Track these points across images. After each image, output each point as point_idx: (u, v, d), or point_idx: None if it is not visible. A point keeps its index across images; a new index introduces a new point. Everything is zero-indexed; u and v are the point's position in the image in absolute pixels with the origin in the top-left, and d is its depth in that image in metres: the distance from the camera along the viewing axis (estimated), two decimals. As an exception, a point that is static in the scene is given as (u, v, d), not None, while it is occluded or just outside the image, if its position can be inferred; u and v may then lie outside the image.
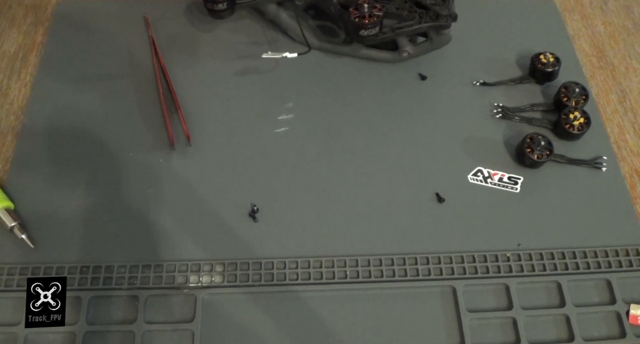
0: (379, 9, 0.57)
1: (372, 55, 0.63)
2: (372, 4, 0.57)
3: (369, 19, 0.56)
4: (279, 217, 0.53)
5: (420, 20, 0.58)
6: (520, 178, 0.57)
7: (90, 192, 0.54)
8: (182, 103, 0.60)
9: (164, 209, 0.53)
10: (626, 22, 0.71)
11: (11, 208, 0.52)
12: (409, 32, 0.59)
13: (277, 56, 0.59)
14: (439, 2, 0.58)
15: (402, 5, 0.59)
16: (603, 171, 0.57)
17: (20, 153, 0.57)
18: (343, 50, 0.64)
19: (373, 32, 0.57)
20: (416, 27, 0.58)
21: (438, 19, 0.57)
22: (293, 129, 0.59)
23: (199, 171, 0.56)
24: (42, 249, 0.51)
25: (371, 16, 0.57)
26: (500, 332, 0.49)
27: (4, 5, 0.69)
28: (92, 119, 0.59)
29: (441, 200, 0.55)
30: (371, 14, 0.57)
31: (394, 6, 0.59)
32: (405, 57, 0.62)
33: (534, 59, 0.62)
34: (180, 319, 0.48)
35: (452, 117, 0.61)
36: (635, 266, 0.52)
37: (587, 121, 0.58)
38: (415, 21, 0.58)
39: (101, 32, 0.66)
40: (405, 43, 0.61)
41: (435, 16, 0.58)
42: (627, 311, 0.49)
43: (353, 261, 0.51)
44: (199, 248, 0.52)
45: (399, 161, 0.57)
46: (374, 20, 0.56)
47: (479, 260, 0.52)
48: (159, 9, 0.68)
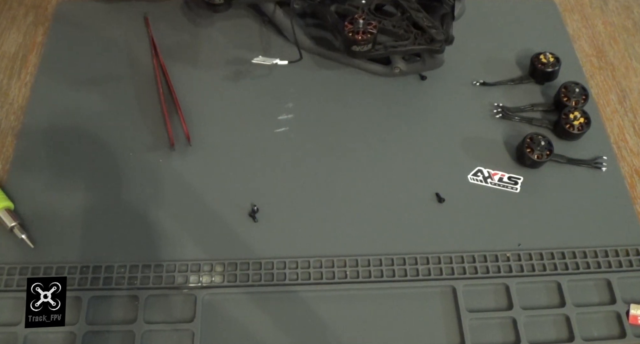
0: (373, 26, 0.56)
1: (364, 67, 0.63)
2: (367, 21, 0.56)
3: (362, 36, 0.56)
4: (279, 217, 0.53)
5: (414, 41, 0.57)
6: (520, 178, 0.57)
7: (90, 192, 0.54)
8: (182, 103, 0.60)
9: (164, 209, 0.53)
10: (626, 22, 0.71)
11: (11, 208, 0.52)
12: (401, 52, 0.59)
13: (268, 63, 0.59)
14: (437, 26, 0.57)
15: (399, 23, 0.58)
16: (603, 171, 0.57)
17: (20, 153, 0.57)
18: (337, 57, 0.64)
19: (365, 48, 0.57)
20: (409, 48, 0.58)
21: (432, 42, 0.57)
22: (293, 129, 0.59)
23: (199, 171, 0.56)
24: (42, 249, 0.51)
25: (365, 33, 0.56)
26: (500, 332, 0.49)
27: (4, 5, 0.69)
28: (92, 119, 0.59)
29: (441, 200, 0.55)
30: (365, 31, 0.56)
31: (390, 23, 0.58)
32: (397, 73, 0.61)
33: (534, 59, 0.62)
34: (180, 319, 0.48)
35: (452, 117, 0.61)
36: (635, 266, 0.52)
37: (587, 121, 0.58)
38: (410, 42, 0.57)
39: (101, 32, 0.66)
40: (398, 59, 0.61)
41: (429, 39, 0.57)
42: (627, 311, 0.49)
43: (353, 261, 0.51)
44: (199, 248, 0.52)
45: (399, 161, 0.57)
46: (367, 37, 0.56)
47: (479, 260, 0.52)
48: (159, 9, 0.68)
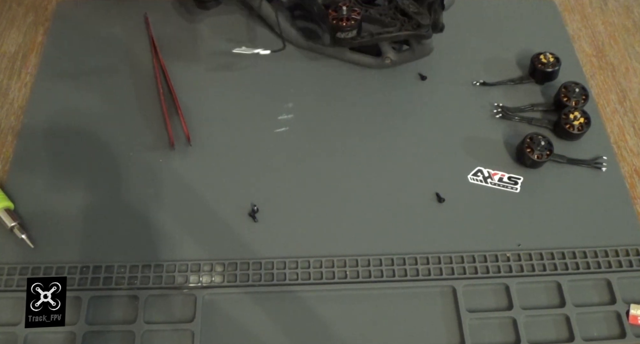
0: (357, 13, 0.57)
1: (355, 59, 0.63)
2: (351, 8, 0.57)
3: (346, 22, 0.57)
4: (279, 217, 0.53)
5: (400, 28, 0.57)
6: (520, 178, 0.57)
7: (90, 192, 0.54)
8: (182, 103, 0.60)
9: (164, 209, 0.53)
10: (626, 22, 0.71)
11: (11, 208, 0.52)
12: (387, 38, 0.59)
13: (249, 52, 0.60)
14: (423, 12, 0.57)
15: (385, 11, 0.59)
16: (603, 171, 0.57)
17: (20, 153, 0.57)
18: (328, 51, 0.64)
19: (350, 35, 0.58)
20: (395, 34, 0.58)
21: (419, 28, 0.57)
22: (293, 129, 0.59)
23: (199, 171, 0.56)
24: (42, 249, 0.51)
25: (349, 19, 0.57)
26: (500, 332, 0.49)
27: (4, 5, 0.69)
28: (92, 119, 0.59)
29: (441, 200, 0.55)
30: (349, 17, 0.57)
31: (377, 11, 0.59)
32: (388, 63, 0.61)
33: (534, 59, 0.62)
34: (180, 319, 0.48)
35: (452, 117, 0.61)
36: (635, 266, 0.52)
37: (587, 121, 0.58)
38: (396, 28, 0.58)
39: (101, 32, 0.66)
40: (388, 49, 0.61)
41: (416, 25, 0.57)
42: (627, 311, 0.49)
43: (353, 261, 0.51)
44: (199, 248, 0.52)
45: (399, 161, 0.57)
46: (352, 23, 0.57)
47: (479, 260, 0.52)
48: (159, 9, 0.68)
